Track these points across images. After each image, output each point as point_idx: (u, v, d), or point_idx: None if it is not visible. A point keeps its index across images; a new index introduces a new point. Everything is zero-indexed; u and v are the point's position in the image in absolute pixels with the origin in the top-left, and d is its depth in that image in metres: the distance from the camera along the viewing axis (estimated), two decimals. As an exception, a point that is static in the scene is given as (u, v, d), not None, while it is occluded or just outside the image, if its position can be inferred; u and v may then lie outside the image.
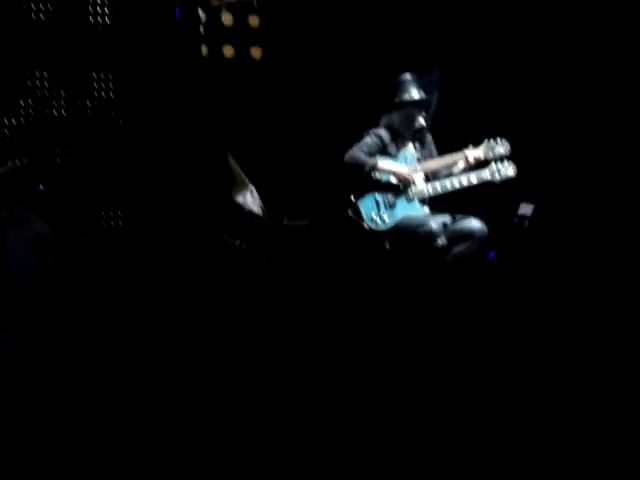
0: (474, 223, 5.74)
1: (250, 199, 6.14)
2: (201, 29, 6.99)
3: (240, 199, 6.12)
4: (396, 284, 5.49)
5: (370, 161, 5.87)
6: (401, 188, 5.90)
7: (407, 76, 5.98)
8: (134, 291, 5.82)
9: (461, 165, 5.85)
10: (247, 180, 6.27)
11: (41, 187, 6.07)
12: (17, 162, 5.39)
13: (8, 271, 5.76)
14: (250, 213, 6.12)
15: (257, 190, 6.26)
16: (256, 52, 7.36)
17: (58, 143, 6.51)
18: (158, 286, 5.76)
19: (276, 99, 7.08)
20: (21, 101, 6.55)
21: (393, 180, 5.91)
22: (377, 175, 5.92)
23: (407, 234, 5.79)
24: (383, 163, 5.91)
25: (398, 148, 6.00)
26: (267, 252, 5.95)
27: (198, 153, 6.65)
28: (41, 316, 5.49)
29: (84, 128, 6.63)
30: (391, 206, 5.89)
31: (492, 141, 5.84)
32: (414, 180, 5.90)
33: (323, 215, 6.28)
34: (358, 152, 5.90)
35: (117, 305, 5.63)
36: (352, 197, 5.92)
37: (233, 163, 6.35)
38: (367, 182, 5.91)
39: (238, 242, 5.94)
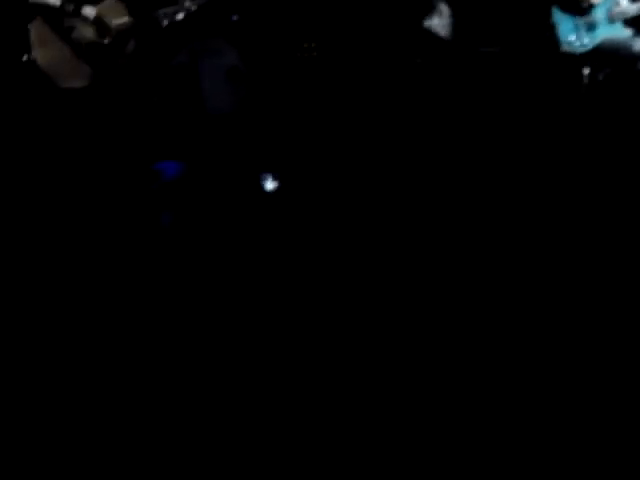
0: (683, 45, 5.40)
1: (437, 21, 5.96)
2: None
3: (427, 22, 5.97)
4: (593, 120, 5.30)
5: (569, -19, 5.60)
6: (603, 8, 5.60)
7: None
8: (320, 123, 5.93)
9: (670, -18, 5.47)
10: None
11: (234, 17, 6.15)
12: None
13: (203, 100, 5.95)
14: (435, 35, 5.96)
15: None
16: None
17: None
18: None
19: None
20: None
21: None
22: (577, -5, 5.63)
23: (608, 57, 5.52)
24: (584, -18, 5.60)
25: (600, -34, 5.66)
26: (448, 73, 5.84)
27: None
28: (231, 146, 5.69)
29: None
30: (591, 28, 5.60)
31: None
32: (617, -1, 5.57)
33: (517, 42, 6.03)
34: (556, -28, 5.62)
35: (306, 136, 5.76)
36: (549, 20, 5.67)
37: None
38: (566, 3, 5.64)
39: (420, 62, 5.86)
